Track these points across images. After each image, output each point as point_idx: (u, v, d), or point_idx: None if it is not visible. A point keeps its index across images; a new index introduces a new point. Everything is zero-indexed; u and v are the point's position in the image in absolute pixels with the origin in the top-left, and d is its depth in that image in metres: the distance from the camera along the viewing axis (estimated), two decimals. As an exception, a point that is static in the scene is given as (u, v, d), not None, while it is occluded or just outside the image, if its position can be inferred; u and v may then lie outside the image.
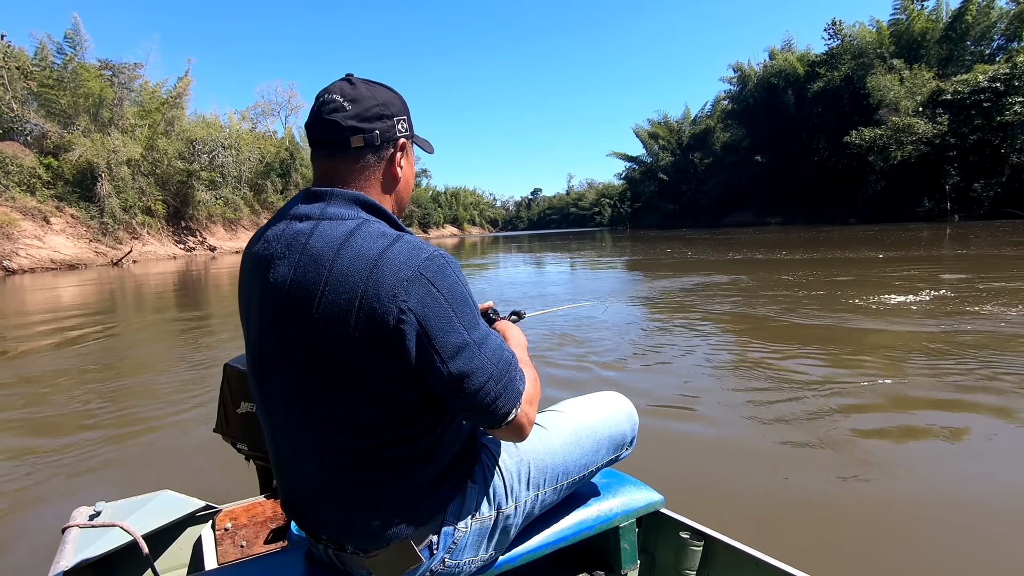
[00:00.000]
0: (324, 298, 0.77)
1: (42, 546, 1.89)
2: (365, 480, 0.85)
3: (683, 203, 54.55)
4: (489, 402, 0.83)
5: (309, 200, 0.86)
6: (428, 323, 0.77)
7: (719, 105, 52.57)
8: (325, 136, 0.88)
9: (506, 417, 0.85)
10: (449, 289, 0.79)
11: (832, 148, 36.67)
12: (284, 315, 0.81)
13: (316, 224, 0.82)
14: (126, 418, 3.38)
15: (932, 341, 4.19)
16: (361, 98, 0.87)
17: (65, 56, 29.33)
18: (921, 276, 7.79)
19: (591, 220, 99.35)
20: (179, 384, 4.13)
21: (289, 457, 0.89)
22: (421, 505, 0.88)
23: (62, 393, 4.05)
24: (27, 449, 2.97)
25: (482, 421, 0.86)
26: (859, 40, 35.42)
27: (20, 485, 2.51)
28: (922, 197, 29.96)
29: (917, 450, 2.47)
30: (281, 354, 0.83)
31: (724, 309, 6.14)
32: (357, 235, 0.79)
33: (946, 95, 29.02)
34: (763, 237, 21.89)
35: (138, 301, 10.75)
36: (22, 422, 3.45)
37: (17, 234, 21.66)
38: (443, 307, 0.78)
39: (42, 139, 26.96)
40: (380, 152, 0.90)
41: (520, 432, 0.90)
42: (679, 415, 3.05)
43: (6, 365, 5.16)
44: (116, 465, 2.72)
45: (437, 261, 0.80)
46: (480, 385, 0.81)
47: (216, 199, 35.03)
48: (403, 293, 0.75)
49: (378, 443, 0.83)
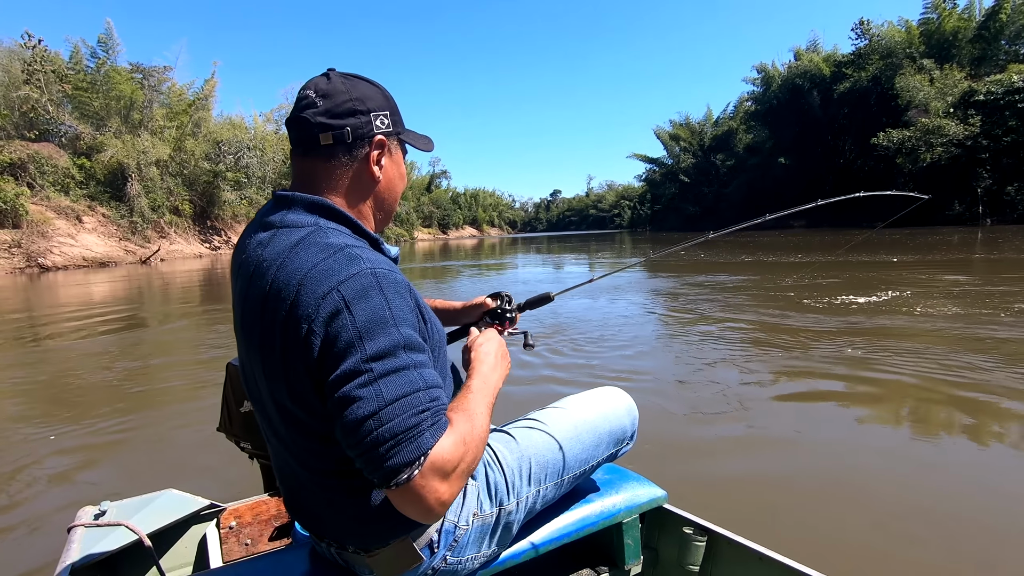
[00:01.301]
0: (265, 308, 0.77)
1: (48, 545, 1.92)
2: (351, 486, 0.84)
3: (704, 205, 53.83)
4: (370, 444, 0.68)
5: (275, 207, 0.86)
6: (330, 342, 0.71)
7: (742, 106, 51.86)
8: (297, 134, 0.85)
9: (396, 475, 0.68)
10: (365, 311, 0.72)
11: (859, 150, 35.88)
12: (243, 324, 0.82)
13: (274, 234, 0.82)
14: (130, 418, 3.43)
15: (958, 344, 4.07)
16: (334, 93, 0.84)
17: (98, 60, 30.19)
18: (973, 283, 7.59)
19: (610, 222, 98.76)
20: (186, 383, 4.19)
21: (281, 459, 0.90)
22: None
23: (70, 392, 4.13)
24: (32, 448, 3.01)
25: (368, 470, 0.71)
26: (887, 40, 34.58)
27: (26, 484, 2.55)
28: (953, 200, 29.14)
29: (923, 448, 2.44)
30: (249, 360, 0.84)
31: (735, 308, 6.06)
32: (300, 246, 0.77)
33: (979, 96, 28.16)
34: (787, 240, 21.50)
35: (164, 297, 11.00)
36: (25, 422, 3.51)
37: (52, 232, 22.34)
38: (347, 329, 0.71)
39: (76, 140, 27.77)
40: (353, 150, 0.86)
41: (419, 508, 0.71)
42: (682, 410, 3.05)
43: (26, 358, 5.32)
44: (120, 464, 2.76)
45: (361, 280, 0.73)
46: (359, 418, 0.69)
47: (241, 199, 35.63)
48: (314, 311, 0.72)
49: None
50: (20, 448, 3.02)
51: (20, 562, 1.89)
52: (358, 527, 0.87)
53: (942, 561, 1.67)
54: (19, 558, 1.92)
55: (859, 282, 8.02)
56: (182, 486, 1.52)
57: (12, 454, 2.94)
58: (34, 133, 26.47)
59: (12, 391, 4.20)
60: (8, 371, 4.84)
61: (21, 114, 26.25)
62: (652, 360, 4.29)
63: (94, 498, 1.41)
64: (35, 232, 21.55)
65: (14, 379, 4.54)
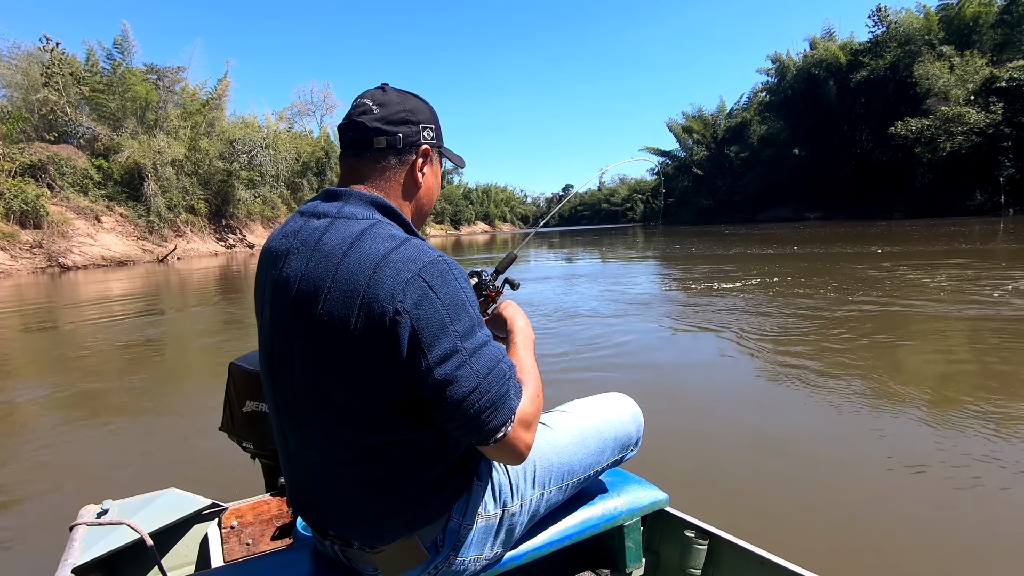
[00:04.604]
0: (330, 294, 0.79)
1: (50, 543, 1.94)
2: (371, 476, 0.86)
3: (718, 198, 53.29)
4: (474, 415, 0.80)
5: (328, 199, 0.90)
6: (421, 325, 0.77)
7: (756, 97, 51.14)
8: (352, 136, 0.92)
9: (494, 434, 0.82)
10: (448, 295, 0.79)
11: (876, 140, 35.23)
12: (293, 307, 0.83)
13: (331, 222, 0.85)
14: (131, 417, 3.46)
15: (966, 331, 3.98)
16: (389, 103, 0.92)
17: (114, 61, 30.62)
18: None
19: (623, 216, 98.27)
20: (188, 383, 4.24)
21: (297, 451, 0.91)
22: (427, 502, 0.89)
23: (72, 391, 4.18)
24: (34, 447, 3.05)
25: (469, 435, 0.83)
26: (906, 27, 33.86)
27: (28, 483, 2.58)
28: (974, 190, 28.50)
29: (926, 446, 2.37)
30: (290, 345, 0.85)
31: (742, 306, 5.99)
32: (367, 235, 0.82)
33: (1001, 82, 27.49)
34: (805, 232, 21.23)
35: (181, 294, 11.16)
36: (26, 422, 3.55)
37: (71, 232, 22.78)
38: (438, 311, 0.78)
39: (93, 142, 28.24)
40: (403, 156, 0.93)
41: (513, 454, 0.86)
42: (685, 413, 3.03)
43: (26, 358, 5.42)
44: (122, 463, 2.78)
45: (439, 266, 0.80)
46: (464, 395, 0.79)
47: (255, 198, 36.00)
48: (400, 294, 0.76)
49: (383, 440, 0.84)
50: (22, 447, 3.07)
51: (22, 560, 1.92)
52: (367, 522, 0.88)
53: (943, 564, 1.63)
54: (21, 556, 1.95)
55: (869, 280, 7.82)
56: (184, 485, 1.53)
57: (14, 453, 2.98)
58: (53, 135, 26.97)
59: (14, 389, 4.28)
60: (10, 370, 4.93)
61: (40, 116, 26.74)
62: (652, 360, 4.25)
63: (96, 497, 1.42)
64: (56, 232, 21.98)
65: (16, 378, 4.63)
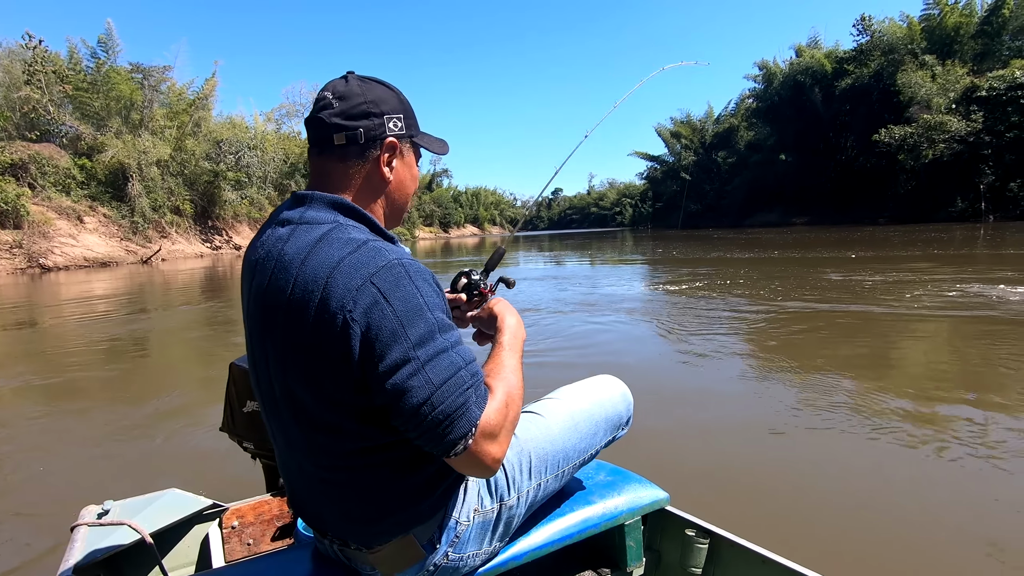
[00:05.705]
0: (290, 304, 0.77)
1: (51, 544, 1.93)
2: (358, 480, 0.85)
3: (706, 203, 53.79)
4: (429, 426, 0.75)
5: (294, 204, 0.88)
6: (371, 334, 0.74)
7: (743, 104, 51.73)
8: (313, 134, 0.88)
9: (454, 446, 0.77)
10: (401, 300, 0.75)
11: (860, 147, 35.78)
12: (263, 319, 0.83)
13: (293, 229, 0.83)
14: (132, 417, 3.44)
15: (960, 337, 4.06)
16: (350, 95, 0.87)
17: (98, 60, 30.18)
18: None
19: (612, 220, 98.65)
20: (189, 382, 4.20)
21: (286, 455, 0.91)
22: (421, 501, 0.88)
23: (72, 391, 4.15)
24: (36, 447, 3.02)
25: (429, 447, 0.79)
26: (889, 36, 34.50)
27: (29, 483, 2.56)
28: (955, 197, 29.04)
29: (929, 445, 2.41)
30: (265, 355, 0.84)
31: (737, 305, 6.05)
32: (324, 241, 0.79)
33: (981, 91, 28.09)
34: (789, 237, 21.47)
35: (165, 296, 11.01)
36: (27, 421, 3.52)
37: (53, 233, 22.36)
38: (388, 319, 0.74)
39: (76, 141, 27.79)
40: (366, 151, 0.88)
41: (479, 467, 0.80)
42: (685, 412, 3.04)
43: (26, 356, 5.33)
44: (123, 463, 2.76)
45: (394, 271, 0.76)
46: (416, 405, 0.75)
47: (242, 199, 35.65)
48: (350, 302, 0.74)
49: (358, 447, 0.82)
50: (23, 447, 3.03)
51: (23, 560, 1.90)
52: (361, 524, 0.87)
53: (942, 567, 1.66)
54: (22, 557, 1.92)
55: (879, 279, 7.99)
56: (185, 486, 1.52)
57: (15, 453, 2.94)
58: (35, 134, 26.50)
59: (15, 389, 4.20)
60: (11, 369, 4.85)
61: (22, 115, 26.27)
62: (653, 360, 4.27)
63: (97, 497, 1.41)
64: (36, 232, 21.58)
65: (17, 377, 4.55)
